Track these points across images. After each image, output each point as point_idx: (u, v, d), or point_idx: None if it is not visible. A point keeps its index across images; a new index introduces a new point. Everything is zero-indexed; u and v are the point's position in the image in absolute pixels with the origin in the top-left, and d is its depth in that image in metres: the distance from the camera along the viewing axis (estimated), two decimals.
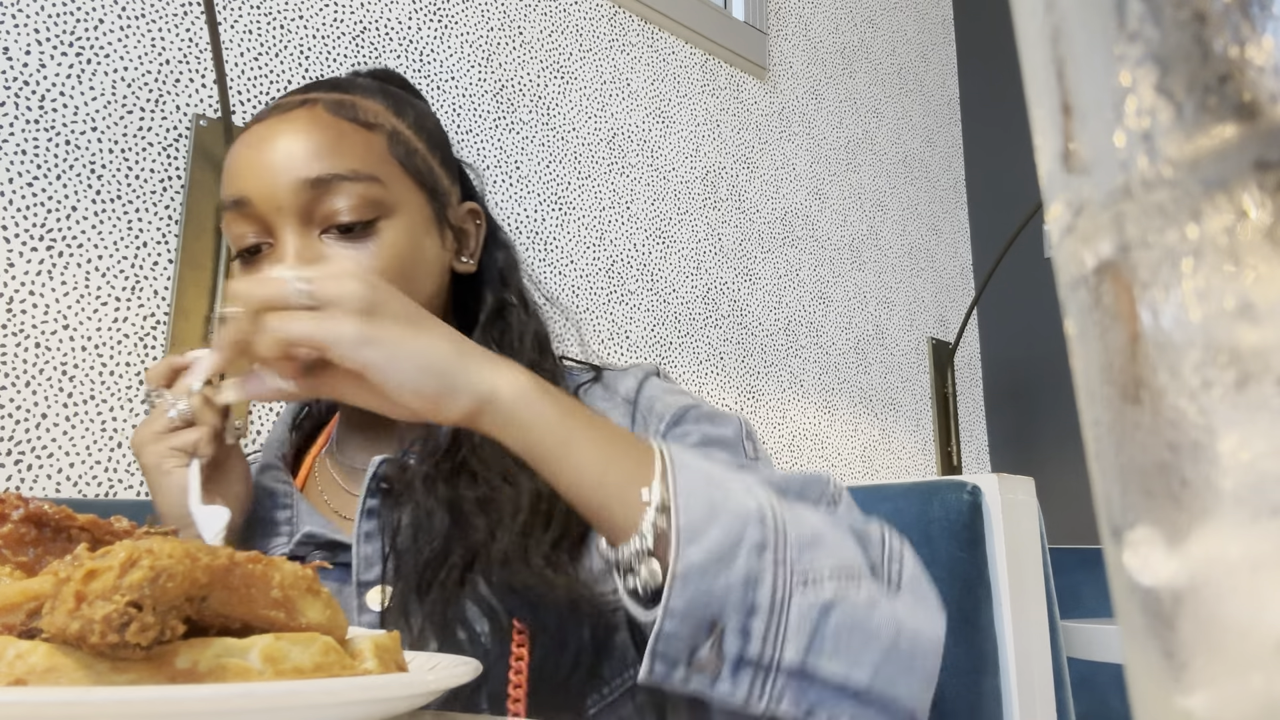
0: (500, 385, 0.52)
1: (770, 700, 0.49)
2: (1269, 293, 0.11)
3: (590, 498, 0.52)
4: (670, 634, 0.48)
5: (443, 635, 0.59)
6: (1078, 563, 1.92)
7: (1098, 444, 0.14)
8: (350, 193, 0.65)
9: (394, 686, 0.35)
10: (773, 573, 0.49)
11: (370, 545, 0.66)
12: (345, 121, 0.68)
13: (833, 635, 0.50)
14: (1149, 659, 0.13)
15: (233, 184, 0.67)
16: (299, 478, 0.77)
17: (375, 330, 0.51)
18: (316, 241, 0.66)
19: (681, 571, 0.48)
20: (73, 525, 0.38)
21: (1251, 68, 0.11)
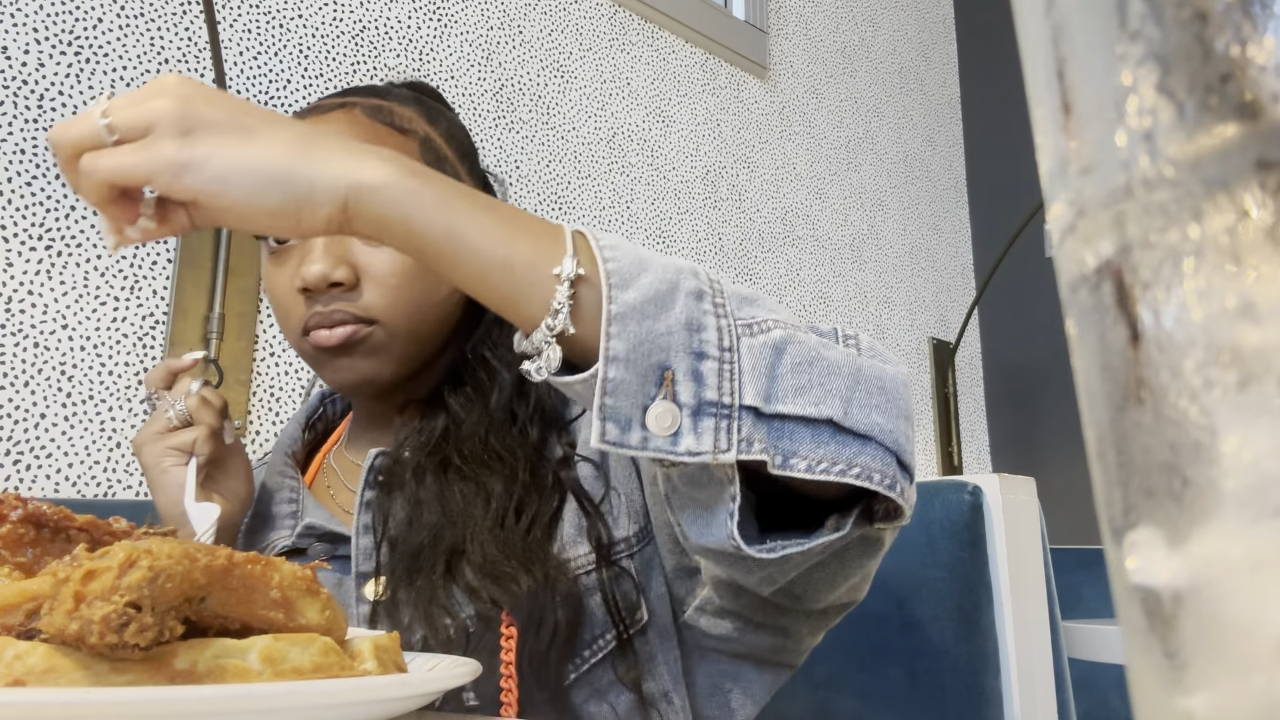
0: (362, 178, 0.46)
1: (740, 445, 0.44)
2: (1270, 292, 0.11)
3: (499, 285, 0.47)
4: (616, 383, 0.44)
5: (428, 622, 0.59)
6: (1078, 563, 1.92)
7: (1099, 444, 0.14)
8: None
9: (393, 687, 0.35)
10: (715, 318, 0.46)
11: (368, 537, 0.67)
12: (381, 125, 0.69)
13: (791, 372, 0.46)
14: (1150, 659, 0.13)
15: None
16: (308, 475, 0.79)
17: (195, 150, 0.45)
18: (345, 238, 0.67)
19: (618, 313, 0.44)
20: (71, 526, 0.38)
21: (1253, 67, 0.11)
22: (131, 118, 0.46)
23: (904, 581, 0.92)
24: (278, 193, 0.46)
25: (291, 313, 0.68)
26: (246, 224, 0.47)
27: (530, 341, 0.47)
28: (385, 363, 0.69)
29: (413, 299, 0.68)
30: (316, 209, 0.46)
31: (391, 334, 0.68)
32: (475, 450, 0.67)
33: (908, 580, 0.92)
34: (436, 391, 0.73)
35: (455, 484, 0.65)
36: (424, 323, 0.70)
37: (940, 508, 0.92)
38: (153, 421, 0.68)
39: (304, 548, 0.70)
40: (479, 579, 0.61)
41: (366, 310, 0.67)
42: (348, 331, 0.66)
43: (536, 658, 0.59)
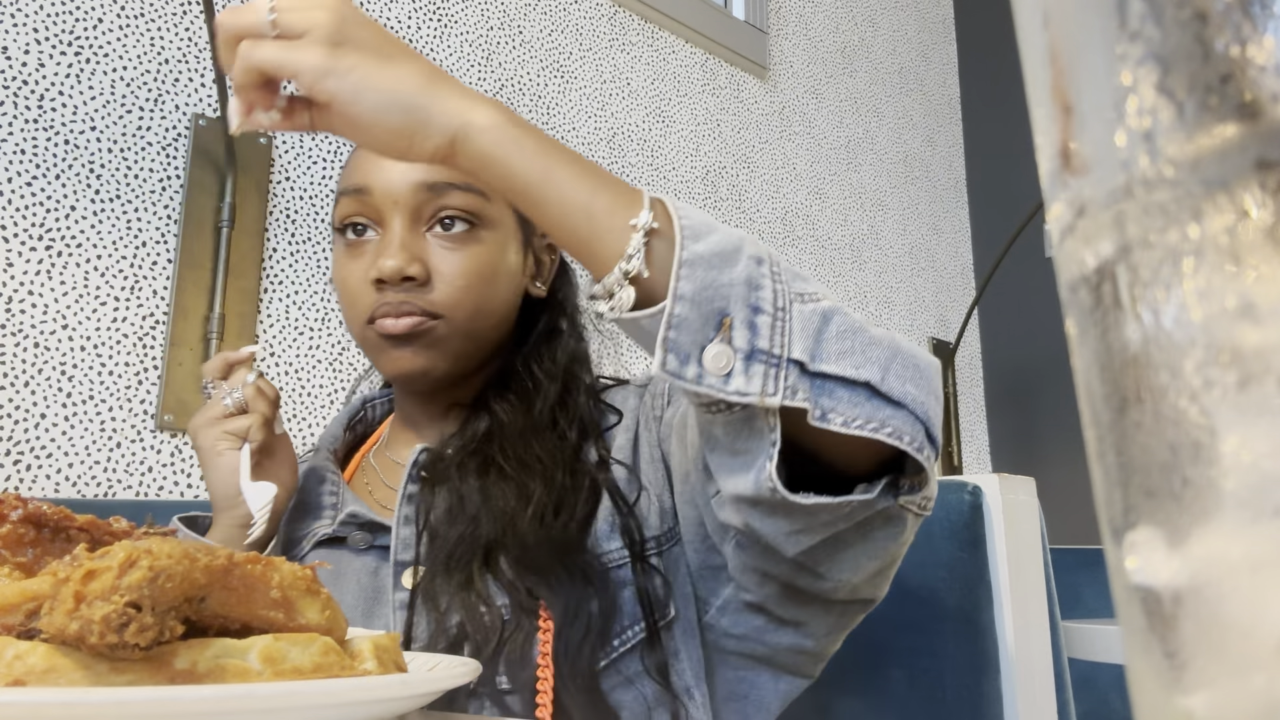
0: (474, 120, 0.52)
1: (785, 392, 0.49)
2: (1270, 292, 0.11)
3: (577, 228, 0.52)
4: (681, 319, 0.48)
5: (466, 609, 0.63)
6: (1078, 563, 1.92)
7: (1099, 444, 0.14)
8: (459, 200, 0.72)
9: (394, 686, 0.35)
10: (771, 281, 0.51)
11: (408, 528, 0.71)
12: None
13: (835, 338, 0.51)
14: (1150, 659, 0.13)
15: (357, 173, 0.73)
16: (347, 472, 0.83)
17: (340, 61, 0.51)
18: (421, 238, 0.72)
19: (688, 258, 0.49)
20: (71, 526, 0.38)
21: (1253, 67, 0.11)
22: (294, 19, 0.51)
23: (904, 581, 0.92)
24: (400, 116, 0.51)
25: (360, 301, 0.72)
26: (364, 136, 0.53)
27: (603, 284, 0.51)
28: (442, 357, 0.73)
29: (475, 301, 0.73)
30: (429, 138, 0.52)
31: (452, 330, 0.72)
32: (518, 452, 0.71)
33: (907, 580, 0.92)
34: (481, 396, 0.77)
35: (497, 482, 0.69)
36: (482, 325, 0.74)
37: (940, 508, 0.92)
38: (209, 407, 0.73)
39: (344, 536, 0.74)
40: (516, 571, 0.64)
41: (433, 305, 0.71)
42: (413, 322, 0.70)
43: (571, 647, 0.62)
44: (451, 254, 0.72)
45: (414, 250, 0.71)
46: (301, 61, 0.51)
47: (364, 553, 0.73)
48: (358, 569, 0.72)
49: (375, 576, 0.72)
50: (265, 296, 1.27)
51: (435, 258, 0.72)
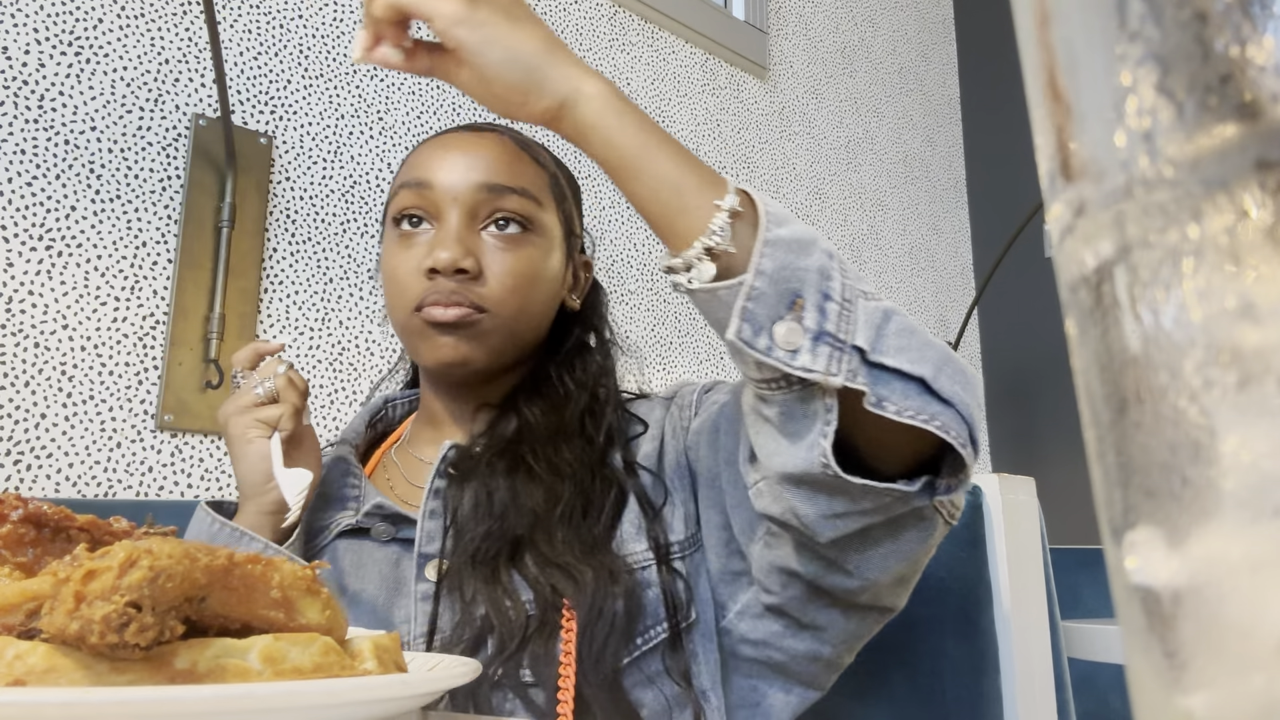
0: (584, 89, 0.55)
1: (846, 374, 0.52)
2: (1270, 292, 0.11)
3: (666, 202, 0.55)
4: (759, 293, 0.52)
5: (492, 603, 0.65)
6: (1078, 563, 1.92)
7: (1099, 444, 0.14)
8: (514, 204, 0.76)
9: (394, 686, 0.35)
10: (840, 276, 0.54)
11: (433, 521, 0.73)
12: (524, 152, 0.80)
13: (895, 335, 0.54)
14: (1150, 659, 0.13)
15: (418, 169, 0.77)
16: (367, 467, 0.85)
17: (475, 13, 0.54)
18: (476, 235, 0.75)
19: (770, 239, 0.52)
20: (72, 525, 0.38)
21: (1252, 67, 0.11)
22: None
23: None
24: (520, 74, 0.55)
25: (410, 289, 0.75)
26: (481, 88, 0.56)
27: (682, 257, 0.55)
28: (482, 350, 0.75)
29: (520, 301, 0.76)
30: (541, 98, 0.56)
31: (495, 326, 0.75)
32: (547, 454, 0.74)
33: None
34: (510, 398, 0.80)
35: (525, 482, 0.71)
36: (523, 325, 0.77)
37: None
38: (240, 395, 0.74)
39: (368, 527, 0.75)
40: (543, 568, 0.66)
41: (481, 299, 0.74)
42: (462, 312, 0.73)
43: (594, 644, 0.64)
44: (503, 253, 0.75)
45: (469, 245, 0.74)
46: (440, 6, 0.54)
47: (386, 544, 0.75)
48: (379, 560, 0.74)
49: (397, 568, 0.73)
50: (265, 296, 1.27)
51: (488, 255, 0.75)
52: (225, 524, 0.71)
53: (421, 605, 0.70)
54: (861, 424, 0.54)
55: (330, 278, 1.34)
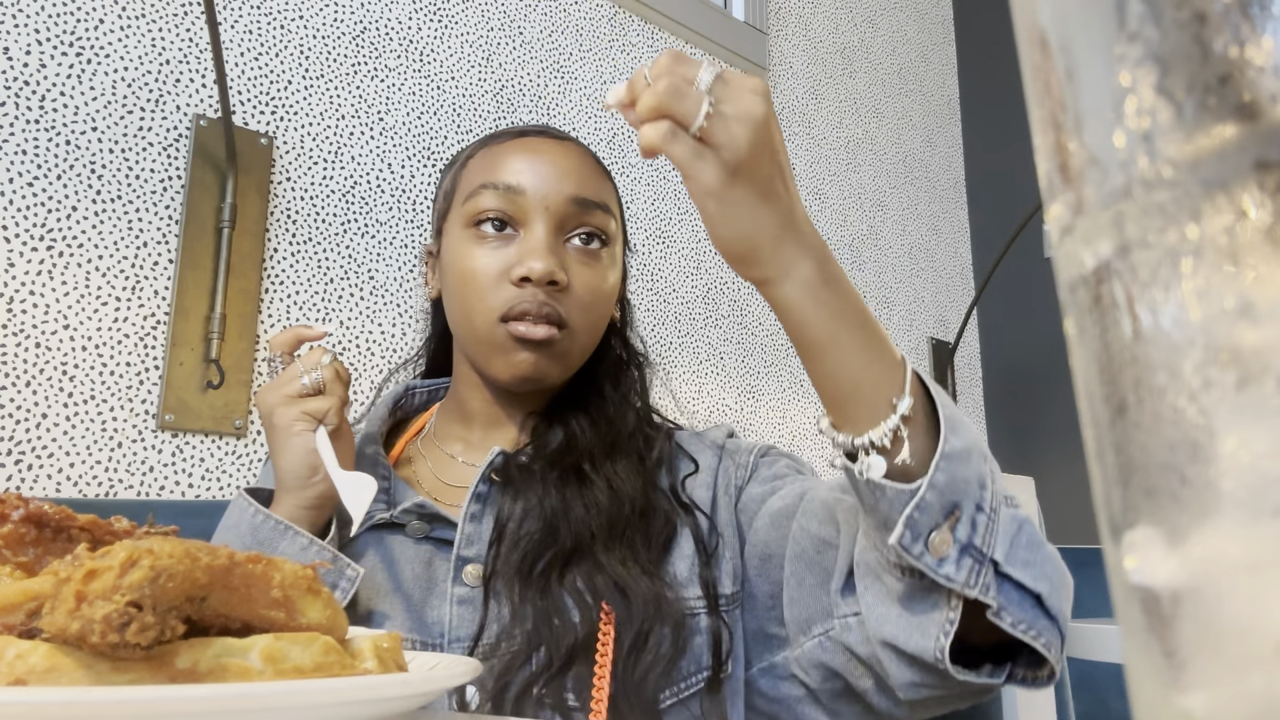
0: (793, 273, 0.56)
1: (981, 588, 0.54)
2: (1269, 293, 0.11)
3: (842, 392, 0.56)
4: (926, 504, 0.53)
5: (539, 618, 0.65)
6: (1077, 562, 1.92)
7: (1098, 444, 0.14)
8: (598, 219, 0.77)
9: (394, 686, 0.35)
10: (991, 481, 0.57)
11: (473, 525, 0.72)
12: (600, 167, 0.82)
13: (1025, 547, 0.57)
14: (1149, 659, 0.13)
15: (509, 173, 0.76)
16: (391, 456, 0.83)
17: (730, 190, 0.54)
18: (562, 245, 0.76)
19: (948, 451, 0.54)
20: (73, 525, 0.38)
21: (1251, 68, 0.11)
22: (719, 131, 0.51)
23: None
24: (743, 246, 0.55)
25: (495, 296, 0.74)
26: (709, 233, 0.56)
27: (850, 442, 0.56)
28: (559, 367, 0.76)
29: (595, 317, 0.77)
30: (752, 269, 0.56)
31: (573, 343, 0.76)
32: (603, 467, 0.74)
33: None
34: (555, 407, 0.80)
35: (578, 494, 0.71)
36: (592, 341, 0.79)
37: None
38: (284, 384, 0.72)
39: (403, 523, 0.74)
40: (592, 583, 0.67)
41: (567, 314, 0.74)
42: (549, 331, 0.73)
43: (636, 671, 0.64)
44: (585, 268, 0.76)
45: (559, 255, 0.75)
46: (700, 177, 0.53)
47: (419, 542, 0.73)
48: (410, 557, 0.73)
49: (429, 567, 0.72)
50: (266, 297, 1.27)
51: (572, 266, 0.76)
52: (269, 516, 0.69)
53: (457, 609, 0.69)
54: (975, 623, 0.56)
55: (331, 278, 1.34)
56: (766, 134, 0.52)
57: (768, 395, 1.96)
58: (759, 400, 1.93)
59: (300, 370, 0.72)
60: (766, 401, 1.95)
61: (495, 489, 0.74)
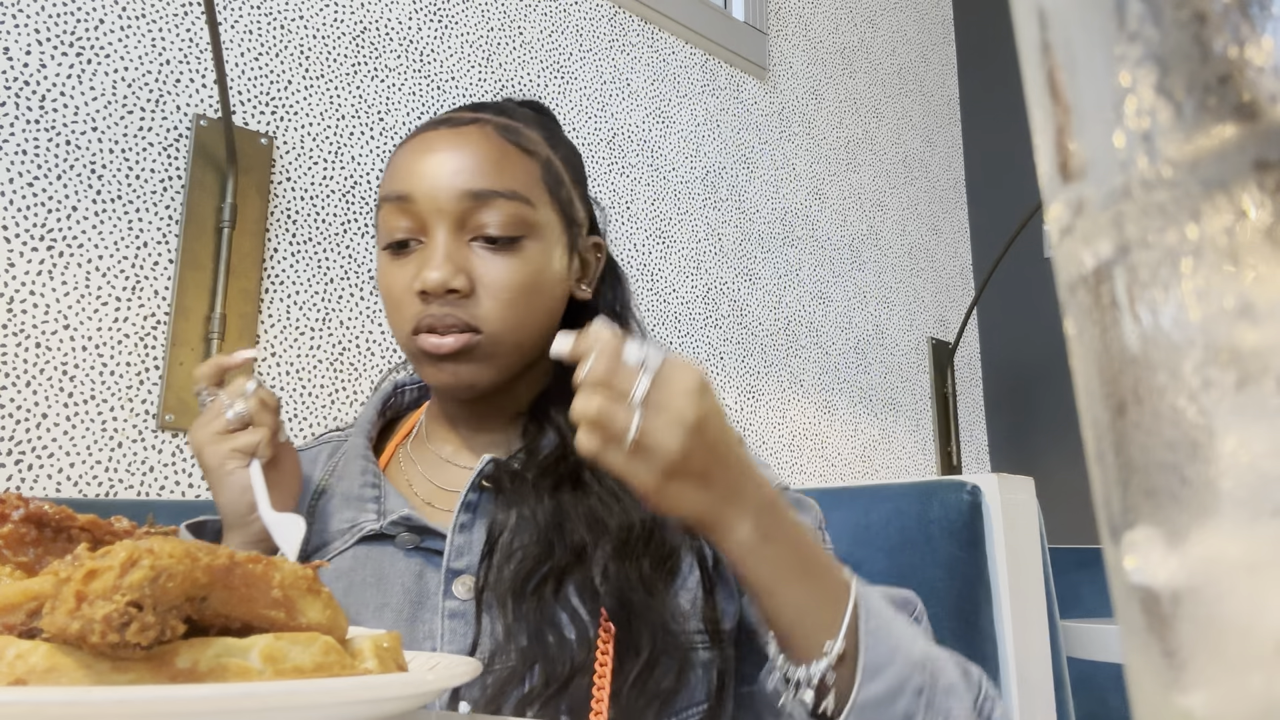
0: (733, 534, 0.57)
1: None
2: (1269, 293, 0.11)
3: (779, 628, 0.59)
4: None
5: (534, 635, 0.64)
6: (1077, 562, 1.92)
7: (1098, 444, 0.14)
8: (504, 210, 0.71)
9: (394, 686, 0.35)
10: (923, 715, 0.58)
11: (464, 536, 0.70)
12: (509, 144, 0.74)
13: None
14: (1149, 659, 0.13)
15: (399, 180, 0.72)
16: (381, 461, 0.81)
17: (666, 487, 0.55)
18: (465, 247, 0.71)
19: (860, 702, 0.56)
20: (73, 525, 0.38)
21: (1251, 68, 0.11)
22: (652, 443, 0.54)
23: (903, 581, 0.92)
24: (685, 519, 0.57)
25: (404, 310, 0.72)
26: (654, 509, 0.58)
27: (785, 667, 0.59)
28: (486, 370, 0.72)
29: (519, 314, 0.72)
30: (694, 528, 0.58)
31: (496, 344, 0.71)
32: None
33: (907, 580, 0.92)
34: (539, 405, 0.77)
35: (574, 503, 0.70)
36: (527, 336, 0.73)
37: (939, 507, 0.92)
38: (210, 419, 0.70)
39: (392, 534, 0.72)
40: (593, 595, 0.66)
41: (476, 319, 0.70)
42: (457, 340, 0.70)
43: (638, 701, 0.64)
44: (496, 264, 0.71)
45: (458, 261, 0.70)
46: (634, 479, 0.55)
47: (410, 554, 0.72)
48: (401, 570, 0.71)
49: (419, 580, 0.70)
50: (266, 297, 1.27)
51: (480, 268, 0.71)
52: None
53: (449, 623, 0.67)
54: None
55: (331, 278, 1.34)
56: (698, 437, 0.54)
57: (768, 395, 1.96)
58: (759, 400, 1.93)
59: (225, 403, 0.70)
60: (766, 401, 1.95)
61: (486, 497, 0.72)
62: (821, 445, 2.06)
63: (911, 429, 2.31)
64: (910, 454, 2.29)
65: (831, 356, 2.13)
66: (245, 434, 0.69)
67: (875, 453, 2.19)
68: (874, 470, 2.18)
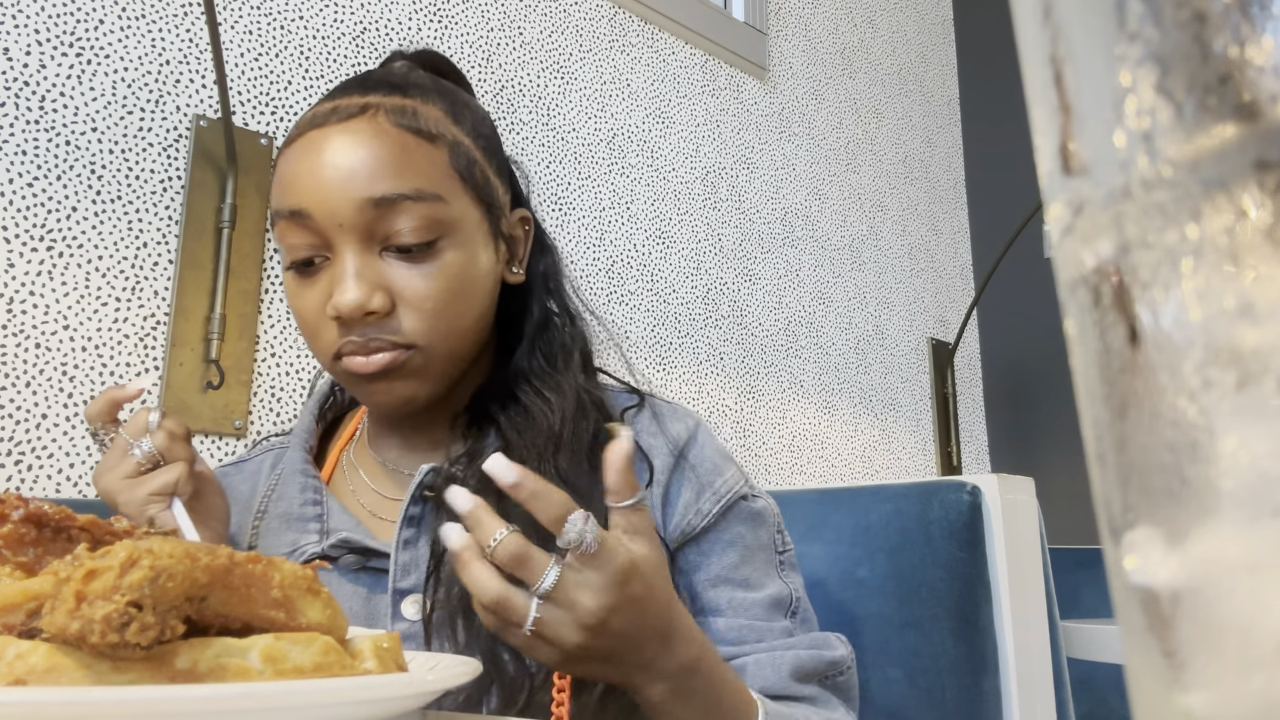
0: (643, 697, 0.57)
1: None
2: (1269, 293, 0.11)
3: None
4: None
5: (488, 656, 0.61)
6: (1077, 563, 1.92)
7: (1098, 444, 0.14)
8: (413, 213, 0.63)
9: (394, 686, 0.35)
10: None
11: (408, 552, 0.66)
12: (408, 134, 0.65)
13: None
14: (1149, 659, 0.13)
15: (291, 194, 0.64)
16: (325, 470, 0.76)
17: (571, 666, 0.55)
18: (377, 259, 0.64)
19: None
20: (73, 525, 0.38)
21: (1251, 68, 0.11)
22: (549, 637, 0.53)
23: (903, 581, 0.92)
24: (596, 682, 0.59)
25: (322, 336, 0.65)
26: None
27: None
28: (423, 384, 0.67)
29: (449, 322, 0.66)
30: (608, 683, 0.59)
31: (429, 357, 0.65)
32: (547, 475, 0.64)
33: (907, 580, 0.92)
34: (479, 403, 0.71)
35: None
36: (460, 343, 0.68)
37: (939, 508, 0.92)
38: (116, 463, 0.63)
39: (335, 556, 0.68)
40: None
41: (404, 336, 0.64)
42: (386, 359, 0.64)
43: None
44: (414, 275, 0.64)
45: (371, 278, 0.63)
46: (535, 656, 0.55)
47: (356, 575, 0.67)
48: (349, 594, 0.67)
49: (367, 603, 0.67)
50: (266, 297, 1.27)
51: (397, 281, 0.64)
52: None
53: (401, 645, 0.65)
54: None
55: None
56: (599, 634, 0.53)
57: (767, 395, 1.96)
58: (759, 400, 1.93)
59: (129, 441, 0.63)
60: (766, 401, 1.95)
61: (429, 508, 0.67)
62: (821, 446, 2.06)
63: (911, 429, 2.31)
64: (910, 454, 2.29)
65: (831, 357, 2.13)
66: (160, 473, 0.63)
67: (875, 453, 2.19)
68: (874, 471, 2.18)
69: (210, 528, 0.68)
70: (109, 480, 0.63)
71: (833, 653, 0.70)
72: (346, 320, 0.63)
